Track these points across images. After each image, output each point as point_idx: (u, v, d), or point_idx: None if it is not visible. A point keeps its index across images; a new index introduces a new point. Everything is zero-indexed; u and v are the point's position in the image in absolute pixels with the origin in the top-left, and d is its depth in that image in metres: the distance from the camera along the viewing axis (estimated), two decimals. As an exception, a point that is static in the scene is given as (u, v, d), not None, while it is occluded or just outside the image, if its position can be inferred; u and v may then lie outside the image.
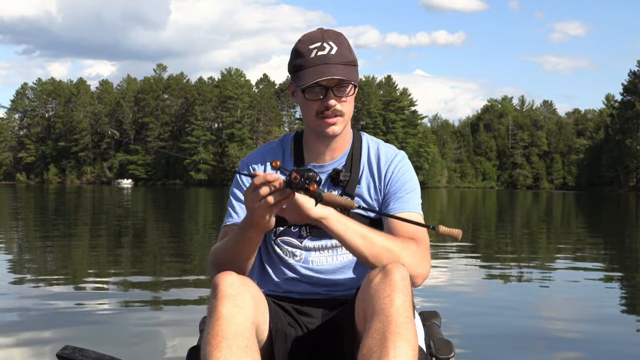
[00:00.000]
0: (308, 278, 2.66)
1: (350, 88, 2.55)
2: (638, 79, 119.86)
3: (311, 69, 2.50)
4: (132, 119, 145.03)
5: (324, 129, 2.57)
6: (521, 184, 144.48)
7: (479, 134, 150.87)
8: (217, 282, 2.29)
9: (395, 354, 2.05)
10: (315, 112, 2.55)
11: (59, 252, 12.19)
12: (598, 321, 6.75)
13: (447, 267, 10.48)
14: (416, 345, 2.13)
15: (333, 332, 2.51)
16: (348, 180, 2.66)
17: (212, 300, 2.26)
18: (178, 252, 12.85)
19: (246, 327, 2.19)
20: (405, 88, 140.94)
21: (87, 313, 6.70)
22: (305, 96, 2.55)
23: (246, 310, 2.24)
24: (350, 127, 2.73)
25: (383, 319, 2.13)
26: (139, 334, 5.85)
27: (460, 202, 50.87)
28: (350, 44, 2.63)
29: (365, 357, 2.10)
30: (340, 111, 2.55)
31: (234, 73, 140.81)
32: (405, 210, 2.61)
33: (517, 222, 25.03)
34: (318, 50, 2.52)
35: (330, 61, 2.50)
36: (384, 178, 2.68)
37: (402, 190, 2.66)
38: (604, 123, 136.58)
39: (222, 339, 2.11)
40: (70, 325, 6.09)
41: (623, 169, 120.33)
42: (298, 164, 2.69)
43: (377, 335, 2.11)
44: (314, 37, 2.56)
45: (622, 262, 12.37)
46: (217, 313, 2.19)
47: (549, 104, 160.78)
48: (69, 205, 26.30)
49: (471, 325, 6.30)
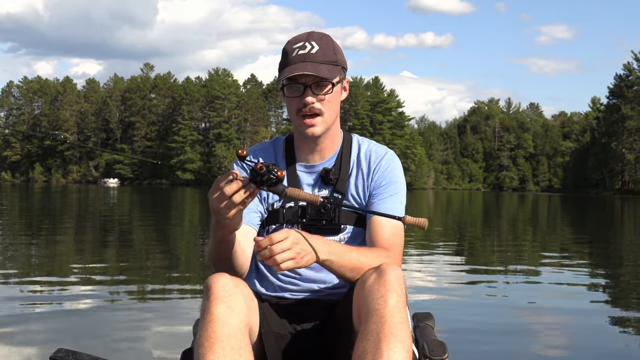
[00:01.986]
0: (300, 278, 2.66)
1: (328, 87, 2.57)
2: (624, 82, 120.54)
3: (290, 66, 2.55)
4: (119, 118, 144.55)
5: (303, 129, 2.61)
6: (507, 186, 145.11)
7: (466, 135, 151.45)
8: (210, 284, 2.29)
9: (390, 355, 2.06)
10: (296, 110, 2.59)
11: (45, 253, 12.13)
12: (584, 324, 6.80)
13: (436, 269, 10.52)
14: (410, 346, 2.14)
15: (327, 333, 2.51)
16: (338, 179, 2.69)
17: (205, 302, 2.26)
18: (167, 253, 12.81)
19: (239, 328, 2.20)
20: (393, 89, 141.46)
21: (80, 315, 6.64)
22: (285, 93, 2.61)
23: (239, 311, 2.24)
24: (339, 128, 2.76)
25: (377, 320, 2.14)
26: (131, 336, 5.81)
27: (447, 203, 51.00)
28: (339, 47, 2.66)
29: (359, 358, 2.11)
30: (320, 110, 2.58)
31: (221, 73, 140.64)
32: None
33: (503, 224, 25.12)
34: (299, 49, 2.57)
35: (309, 59, 2.54)
36: (372, 174, 2.71)
37: (387, 192, 2.69)
38: (590, 126, 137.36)
39: (215, 340, 2.12)
40: (62, 328, 6.04)
41: (608, 171, 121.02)
42: (289, 163, 2.73)
43: (371, 336, 2.12)
44: (300, 37, 2.63)
45: (607, 264, 12.45)
46: (210, 315, 2.19)
47: (536, 106, 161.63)
48: (54, 205, 26.20)
49: (465, 326, 6.33)
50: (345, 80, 2.70)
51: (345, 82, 2.71)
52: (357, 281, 2.38)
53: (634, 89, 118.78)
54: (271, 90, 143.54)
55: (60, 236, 15.43)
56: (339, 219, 2.65)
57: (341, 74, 2.64)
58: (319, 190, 2.71)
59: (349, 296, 2.41)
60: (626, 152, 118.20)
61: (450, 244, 15.36)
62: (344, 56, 2.68)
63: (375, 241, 2.59)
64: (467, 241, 16.79)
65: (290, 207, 2.65)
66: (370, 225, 2.63)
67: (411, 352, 2.14)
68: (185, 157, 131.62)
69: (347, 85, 2.73)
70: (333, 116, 2.64)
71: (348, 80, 2.74)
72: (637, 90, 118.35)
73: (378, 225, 2.61)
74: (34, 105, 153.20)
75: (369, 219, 2.65)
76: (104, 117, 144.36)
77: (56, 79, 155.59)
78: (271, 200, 2.71)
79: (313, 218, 2.64)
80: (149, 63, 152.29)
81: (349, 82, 2.75)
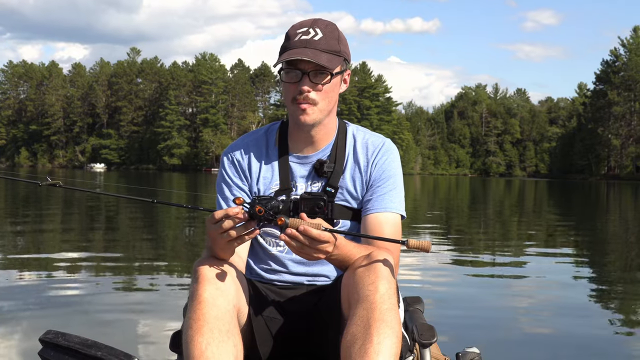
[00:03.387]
0: (291, 267, 2.65)
1: (327, 77, 2.49)
2: (610, 68, 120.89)
3: (290, 50, 2.47)
4: (105, 102, 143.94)
5: (297, 115, 2.52)
6: (494, 171, 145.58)
7: (453, 121, 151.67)
8: (198, 267, 2.29)
9: (379, 340, 2.06)
10: (292, 97, 2.51)
11: (32, 237, 12.08)
12: (568, 305, 6.85)
13: (424, 254, 10.55)
14: (400, 332, 2.14)
15: (317, 319, 2.51)
16: (332, 172, 2.63)
17: (194, 284, 2.26)
18: (156, 238, 12.79)
19: (227, 310, 2.20)
20: (380, 75, 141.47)
21: (68, 300, 6.62)
22: (283, 78, 2.53)
23: (227, 294, 2.24)
24: (335, 119, 2.69)
25: (367, 306, 2.13)
26: (121, 319, 5.80)
27: (433, 189, 51.09)
28: (345, 38, 2.58)
29: (349, 344, 2.10)
30: (314, 100, 2.49)
31: (208, 58, 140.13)
32: (387, 209, 2.59)
33: (490, 209, 25.21)
34: (303, 34, 2.48)
35: (310, 45, 2.45)
36: (369, 168, 2.65)
37: (385, 187, 2.63)
38: (576, 111, 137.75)
39: (203, 323, 2.12)
40: (51, 311, 6.02)
41: (595, 157, 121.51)
42: (282, 154, 2.66)
43: (361, 322, 2.11)
44: (305, 23, 2.54)
45: (592, 248, 12.57)
46: (199, 297, 2.19)
47: (522, 92, 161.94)
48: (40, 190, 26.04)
49: (453, 310, 6.37)
50: (346, 72, 2.61)
51: (346, 74, 2.61)
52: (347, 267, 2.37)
53: (621, 75, 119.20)
54: (258, 75, 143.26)
55: (47, 224, 15.37)
56: (332, 213, 2.58)
57: (343, 65, 2.55)
58: (312, 183, 2.64)
59: (339, 282, 2.40)
60: (612, 137, 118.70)
61: (438, 229, 15.38)
62: (348, 48, 2.59)
63: (374, 240, 2.50)
64: (452, 226, 16.84)
65: (283, 200, 2.59)
66: (368, 223, 2.58)
67: (400, 338, 2.14)
68: (172, 142, 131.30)
69: (348, 78, 2.65)
70: (329, 107, 2.56)
71: (349, 73, 2.65)
72: (624, 76, 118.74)
73: (378, 224, 2.56)
74: (19, 89, 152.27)
75: (364, 215, 2.61)
76: (90, 102, 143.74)
77: (42, 63, 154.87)
78: (262, 194, 2.64)
79: (306, 213, 2.60)
80: (136, 47, 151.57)
81: (350, 75, 2.67)
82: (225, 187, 2.68)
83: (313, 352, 2.52)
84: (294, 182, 2.64)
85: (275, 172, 2.65)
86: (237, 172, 2.68)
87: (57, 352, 2.38)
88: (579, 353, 5.06)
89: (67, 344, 2.36)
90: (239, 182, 2.67)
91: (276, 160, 2.67)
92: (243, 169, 2.68)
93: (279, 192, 2.61)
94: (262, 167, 2.67)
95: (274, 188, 2.63)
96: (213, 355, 2.08)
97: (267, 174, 2.66)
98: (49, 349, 2.40)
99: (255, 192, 2.65)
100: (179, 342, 2.33)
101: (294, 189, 2.63)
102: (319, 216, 2.55)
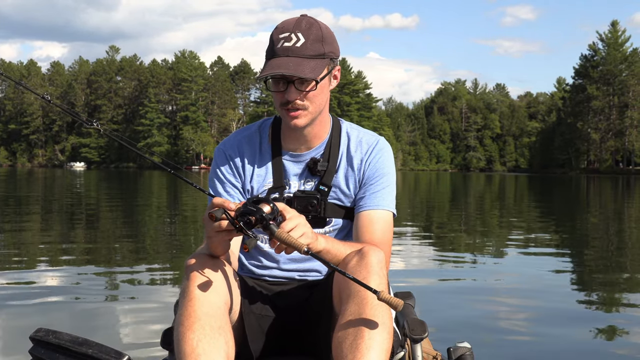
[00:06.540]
0: (283, 263, 2.65)
1: (312, 84, 2.46)
2: (589, 62, 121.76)
3: (272, 60, 2.44)
4: (85, 101, 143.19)
5: (288, 121, 2.52)
6: (474, 166, 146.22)
7: (433, 116, 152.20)
8: (190, 263, 2.28)
9: (371, 335, 2.06)
10: (280, 103, 2.50)
11: (15, 238, 11.99)
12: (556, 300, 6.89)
13: (409, 249, 10.59)
14: (391, 327, 2.15)
15: (308, 314, 2.51)
16: (325, 171, 2.62)
17: (185, 281, 2.25)
18: (142, 235, 12.74)
19: (219, 307, 2.20)
20: (360, 71, 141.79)
21: (58, 298, 6.57)
22: (270, 86, 2.52)
23: (219, 290, 2.24)
24: (328, 116, 2.68)
25: (358, 302, 2.14)
26: (112, 317, 5.80)
27: (414, 184, 51.20)
28: (329, 33, 2.53)
29: (340, 339, 2.10)
30: (303, 105, 2.48)
31: (187, 55, 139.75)
32: (379, 207, 2.60)
33: (470, 205, 25.32)
34: (285, 40, 2.43)
35: (293, 53, 2.41)
36: (362, 166, 2.65)
37: (378, 184, 2.63)
38: (555, 106, 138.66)
39: (195, 319, 2.12)
40: (42, 309, 6.02)
41: (574, 151, 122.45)
42: (275, 152, 2.65)
43: (352, 317, 2.12)
44: (286, 26, 2.47)
45: (572, 242, 12.69)
46: (190, 293, 2.19)
47: (502, 87, 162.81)
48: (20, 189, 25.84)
49: (444, 305, 6.40)
50: (335, 69, 2.58)
51: (335, 70, 2.59)
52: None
53: (599, 69, 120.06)
54: (238, 72, 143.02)
55: (29, 222, 15.27)
56: (325, 212, 2.60)
57: (330, 64, 2.52)
58: (305, 181, 2.64)
59: (330, 278, 2.41)
60: (591, 131, 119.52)
61: (418, 225, 15.44)
62: (335, 43, 2.55)
63: (365, 237, 2.54)
64: (433, 222, 16.91)
65: (275, 198, 2.59)
66: (360, 221, 2.59)
67: (392, 333, 2.15)
68: (152, 140, 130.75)
69: (339, 74, 2.62)
70: (319, 108, 2.54)
71: (339, 69, 2.63)
72: (602, 70, 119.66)
73: (368, 221, 2.57)
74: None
75: (357, 212, 2.61)
76: (70, 101, 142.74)
77: (20, 62, 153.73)
78: (255, 192, 2.65)
79: (299, 211, 2.55)
80: (115, 45, 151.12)
81: (340, 70, 2.64)
82: (219, 183, 2.68)
83: (305, 347, 2.52)
84: (287, 180, 2.64)
85: (268, 170, 2.64)
86: (231, 169, 2.67)
87: (47, 350, 2.36)
88: (568, 347, 5.09)
89: (58, 342, 2.35)
90: (232, 180, 2.66)
91: (270, 158, 2.66)
92: (237, 166, 2.67)
93: (272, 190, 2.61)
94: (255, 164, 2.66)
95: (267, 186, 2.62)
96: (204, 351, 2.07)
97: (260, 171, 2.66)
98: (40, 347, 2.39)
99: (248, 189, 2.65)
100: (170, 339, 2.33)
101: (287, 187, 2.63)
102: (312, 214, 2.55)
